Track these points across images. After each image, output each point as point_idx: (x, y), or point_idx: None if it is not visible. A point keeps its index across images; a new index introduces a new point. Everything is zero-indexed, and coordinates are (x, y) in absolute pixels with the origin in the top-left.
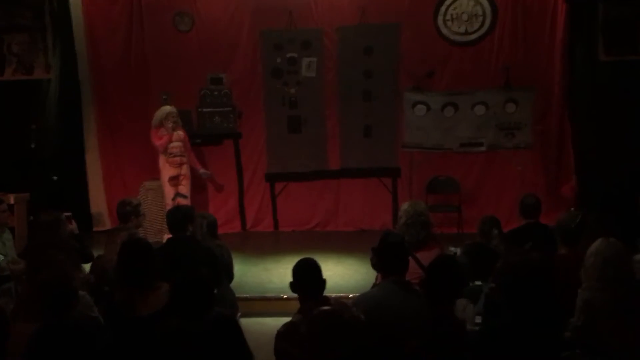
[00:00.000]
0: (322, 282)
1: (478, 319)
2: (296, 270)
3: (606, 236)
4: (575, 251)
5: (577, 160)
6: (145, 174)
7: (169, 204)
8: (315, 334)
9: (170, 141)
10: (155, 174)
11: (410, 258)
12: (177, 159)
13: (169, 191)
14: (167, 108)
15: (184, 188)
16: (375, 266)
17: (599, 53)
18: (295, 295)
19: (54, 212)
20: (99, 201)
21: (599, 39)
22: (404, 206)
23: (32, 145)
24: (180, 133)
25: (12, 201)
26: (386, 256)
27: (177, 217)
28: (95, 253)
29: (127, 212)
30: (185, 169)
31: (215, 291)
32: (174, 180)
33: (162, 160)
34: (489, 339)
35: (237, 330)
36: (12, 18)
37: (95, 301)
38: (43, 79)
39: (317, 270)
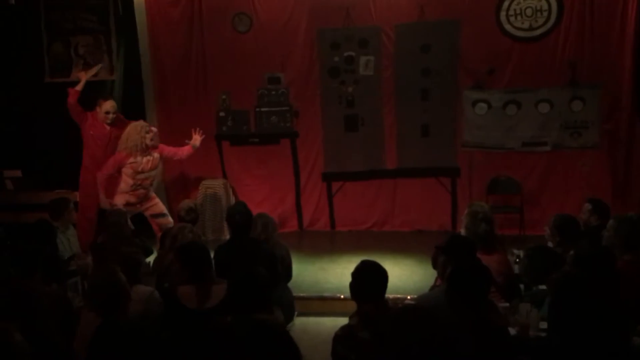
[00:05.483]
0: (384, 287)
1: (542, 325)
2: (358, 273)
3: None
4: (637, 256)
5: None
6: (205, 173)
7: None
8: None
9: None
10: (215, 173)
11: None
12: None
13: None
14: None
15: None
16: (436, 266)
17: None
18: None
19: (118, 209)
20: (160, 199)
21: None
22: (469, 209)
23: None
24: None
25: (77, 199)
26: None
27: (240, 217)
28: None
29: (180, 218)
30: None
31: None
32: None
33: None
34: (554, 344)
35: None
36: (78, 21)
37: None
38: (107, 80)
39: (380, 274)
